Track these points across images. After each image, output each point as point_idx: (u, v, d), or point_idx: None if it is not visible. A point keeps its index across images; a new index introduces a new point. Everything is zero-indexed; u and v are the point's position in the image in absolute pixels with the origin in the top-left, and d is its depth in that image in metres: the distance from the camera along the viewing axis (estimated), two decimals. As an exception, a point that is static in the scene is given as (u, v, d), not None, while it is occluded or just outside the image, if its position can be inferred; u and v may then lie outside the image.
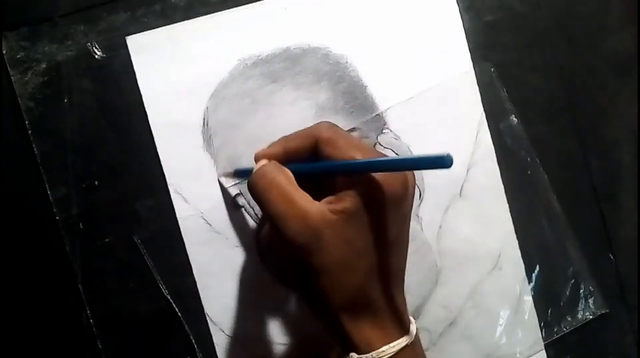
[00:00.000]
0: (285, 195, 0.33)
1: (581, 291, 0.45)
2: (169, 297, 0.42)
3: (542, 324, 0.45)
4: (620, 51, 0.46)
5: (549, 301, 0.45)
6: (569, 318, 0.45)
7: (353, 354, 0.33)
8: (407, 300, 0.37)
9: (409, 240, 0.36)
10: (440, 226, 0.44)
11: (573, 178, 0.46)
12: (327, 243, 0.32)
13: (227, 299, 0.42)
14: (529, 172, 0.45)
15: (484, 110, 0.44)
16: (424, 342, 0.44)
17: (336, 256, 0.32)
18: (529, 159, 0.45)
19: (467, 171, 0.44)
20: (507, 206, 0.45)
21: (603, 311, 0.45)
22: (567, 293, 0.45)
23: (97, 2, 0.41)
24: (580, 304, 0.45)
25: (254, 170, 0.36)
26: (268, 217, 0.34)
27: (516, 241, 0.45)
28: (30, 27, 0.41)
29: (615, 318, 0.46)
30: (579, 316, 0.45)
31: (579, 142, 0.46)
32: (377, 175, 0.32)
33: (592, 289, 0.45)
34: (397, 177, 0.33)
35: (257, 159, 0.37)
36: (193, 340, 0.42)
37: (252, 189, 0.35)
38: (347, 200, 0.32)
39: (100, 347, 0.42)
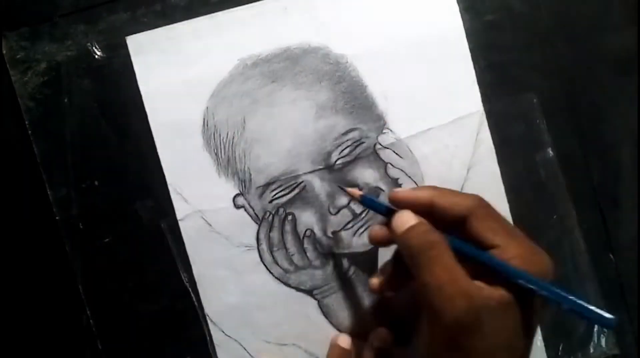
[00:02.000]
0: (451, 269, 0.31)
1: (595, 329, 0.45)
2: (169, 297, 0.42)
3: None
4: (620, 51, 0.46)
5: (561, 336, 0.45)
6: (580, 356, 0.45)
7: None
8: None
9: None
10: (440, 226, 0.44)
11: (573, 178, 0.46)
12: (486, 327, 0.31)
13: (227, 299, 0.42)
14: (555, 213, 0.45)
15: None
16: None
17: (490, 343, 0.31)
18: (560, 194, 0.45)
19: (467, 171, 0.44)
20: (507, 206, 0.45)
21: (615, 353, 0.45)
22: (580, 330, 0.45)
23: (97, 2, 0.41)
24: (592, 343, 0.45)
25: (408, 221, 0.34)
26: (423, 284, 0.32)
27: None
28: (30, 27, 0.41)
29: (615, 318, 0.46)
30: (590, 352, 0.44)
31: (579, 142, 0.46)
32: (536, 268, 0.32)
33: (605, 330, 0.45)
34: (549, 268, 0.32)
35: (395, 199, 0.35)
36: (193, 340, 0.42)
37: (409, 245, 0.33)
38: (503, 290, 0.31)
39: (100, 347, 0.42)
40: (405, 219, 0.34)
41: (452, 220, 0.34)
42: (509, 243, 0.32)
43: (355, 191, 0.39)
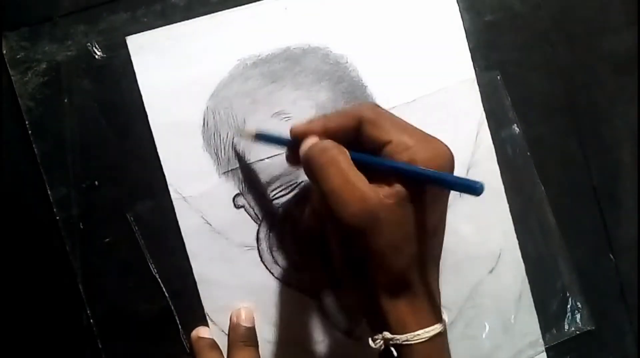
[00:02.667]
0: (345, 175, 0.33)
1: (569, 306, 0.45)
2: (169, 297, 0.42)
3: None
4: (620, 51, 0.46)
5: (536, 312, 0.45)
6: (555, 331, 0.45)
7: (386, 333, 0.34)
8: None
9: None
10: (440, 226, 0.44)
11: (573, 178, 0.46)
12: (382, 226, 0.32)
13: (227, 299, 0.42)
14: (525, 183, 0.45)
15: (488, 117, 0.44)
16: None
17: (389, 239, 0.33)
18: (527, 170, 0.45)
19: (467, 171, 0.44)
20: (507, 206, 0.45)
21: (589, 328, 0.45)
22: (555, 306, 0.45)
23: (97, 2, 0.41)
24: (567, 318, 0.45)
25: (308, 143, 0.35)
26: (323, 194, 0.33)
27: (516, 241, 0.45)
28: (30, 27, 0.41)
29: (615, 318, 0.46)
30: (565, 330, 0.45)
31: (579, 142, 0.46)
32: (428, 154, 0.33)
33: (579, 305, 0.45)
34: (446, 155, 0.33)
35: (294, 133, 0.37)
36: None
37: (308, 162, 0.35)
38: (399, 186, 0.32)
39: (100, 347, 0.42)
40: (308, 142, 0.36)
41: (350, 136, 0.35)
42: (400, 137, 0.33)
43: (250, 130, 0.41)
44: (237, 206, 0.43)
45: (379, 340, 0.34)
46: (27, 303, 0.42)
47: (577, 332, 0.45)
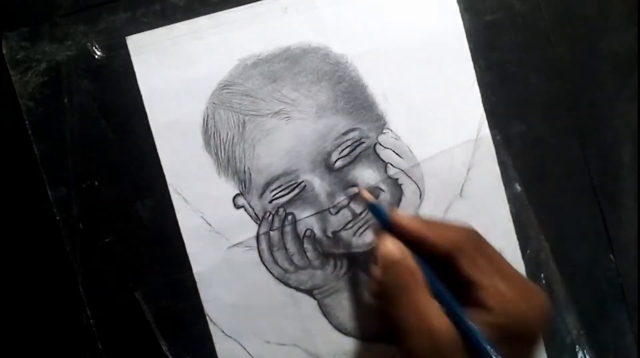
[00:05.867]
0: (417, 306, 0.32)
1: (577, 349, 0.45)
2: (169, 297, 0.42)
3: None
4: (620, 51, 0.46)
5: None
6: None
7: None
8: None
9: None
10: (440, 226, 0.44)
11: (573, 178, 0.46)
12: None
13: (227, 299, 0.42)
14: (529, 248, 0.45)
15: (488, 117, 0.44)
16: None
17: None
18: (531, 232, 0.45)
19: (467, 171, 0.44)
20: (507, 206, 0.45)
21: None
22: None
23: (97, 2, 0.41)
24: None
25: (390, 255, 0.34)
26: (390, 317, 0.33)
27: (516, 241, 0.45)
28: (30, 27, 0.41)
29: (615, 318, 0.46)
30: None
31: (579, 142, 0.46)
32: (524, 308, 0.31)
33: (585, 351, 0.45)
34: (543, 311, 0.32)
35: (393, 220, 0.35)
36: (193, 340, 0.42)
37: (384, 278, 0.34)
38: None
39: (100, 347, 0.42)
40: (390, 253, 0.34)
41: (440, 255, 0.34)
42: (493, 281, 0.32)
43: (370, 197, 0.40)
44: (237, 206, 0.43)
45: None
46: (27, 303, 0.42)
47: None
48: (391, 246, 0.34)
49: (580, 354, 0.45)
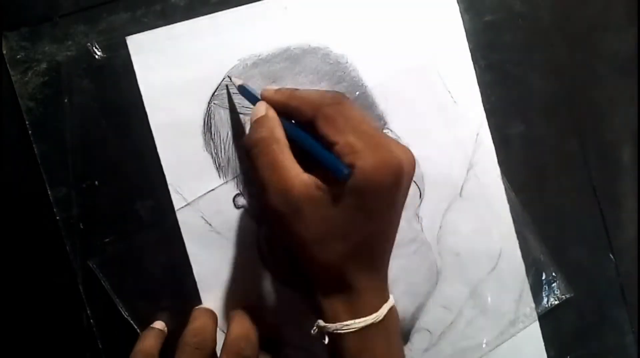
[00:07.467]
0: (274, 162, 0.33)
1: (543, 278, 0.45)
2: (169, 297, 0.42)
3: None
4: (620, 51, 0.46)
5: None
6: (533, 305, 0.45)
7: (320, 321, 0.35)
8: (407, 300, 0.37)
9: (411, 236, 0.36)
10: (440, 227, 0.44)
11: (573, 178, 0.46)
12: (305, 218, 0.33)
13: (227, 299, 0.42)
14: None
15: (488, 117, 0.44)
16: (424, 342, 0.44)
17: (312, 233, 0.33)
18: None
19: (467, 171, 0.44)
20: (507, 206, 0.45)
21: (568, 295, 0.45)
22: (530, 282, 0.45)
23: (97, 2, 0.41)
24: (544, 291, 0.45)
25: (256, 114, 0.36)
26: (254, 176, 0.35)
27: (516, 241, 0.45)
28: (30, 27, 0.41)
29: (615, 318, 0.46)
30: (544, 303, 0.45)
31: (579, 142, 0.46)
32: (371, 160, 0.32)
33: (555, 275, 0.45)
34: (391, 166, 0.33)
35: (263, 96, 0.37)
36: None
37: (247, 139, 0.35)
38: (335, 180, 0.32)
39: (100, 347, 0.42)
40: (255, 112, 0.37)
41: (304, 120, 0.35)
42: (349, 139, 0.33)
43: (239, 80, 0.40)
44: (237, 206, 0.43)
45: (314, 328, 0.35)
46: (27, 303, 0.42)
47: (557, 302, 0.45)
48: (257, 107, 0.37)
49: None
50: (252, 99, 0.39)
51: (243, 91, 0.40)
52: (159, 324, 0.41)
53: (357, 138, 0.33)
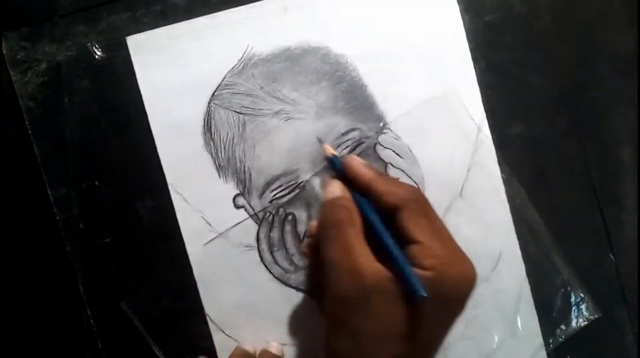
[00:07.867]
0: (349, 247, 0.32)
1: (572, 299, 0.45)
2: (169, 297, 0.42)
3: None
4: (620, 51, 0.46)
5: (541, 312, 0.45)
6: (563, 327, 0.45)
7: None
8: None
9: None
10: (440, 226, 0.44)
11: (573, 178, 0.46)
12: (370, 308, 0.31)
13: (227, 299, 0.42)
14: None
15: (488, 117, 0.44)
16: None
17: (375, 326, 0.31)
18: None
19: (467, 171, 0.44)
20: (507, 206, 0.45)
21: (596, 316, 0.45)
22: (559, 302, 0.45)
23: (97, 2, 0.41)
24: (573, 312, 0.45)
25: (332, 193, 0.34)
26: (323, 256, 0.33)
27: (516, 241, 0.45)
28: (30, 27, 0.41)
29: (615, 318, 0.46)
30: (573, 324, 0.45)
31: (579, 142, 0.46)
32: (454, 271, 0.31)
33: (582, 296, 0.45)
34: (471, 280, 0.32)
35: (346, 165, 0.35)
36: (193, 340, 0.42)
37: (326, 217, 0.34)
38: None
39: (100, 347, 0.42)
40: (331, 190, 0.35)
41: (385, 207, 0.34)
42: (431, 243, 0.32)
43: (330, 150, 0.38)
44: (237, 206, 0.43)
45: None
46: (27, 303, 0.42)
47: (586, 323, 0.45)
48: (334, 186, 0.35)
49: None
50: (336, 171, 0.37)
51: (332, 162, 0.37)
52: None
53: (440, 243, 0.32)
